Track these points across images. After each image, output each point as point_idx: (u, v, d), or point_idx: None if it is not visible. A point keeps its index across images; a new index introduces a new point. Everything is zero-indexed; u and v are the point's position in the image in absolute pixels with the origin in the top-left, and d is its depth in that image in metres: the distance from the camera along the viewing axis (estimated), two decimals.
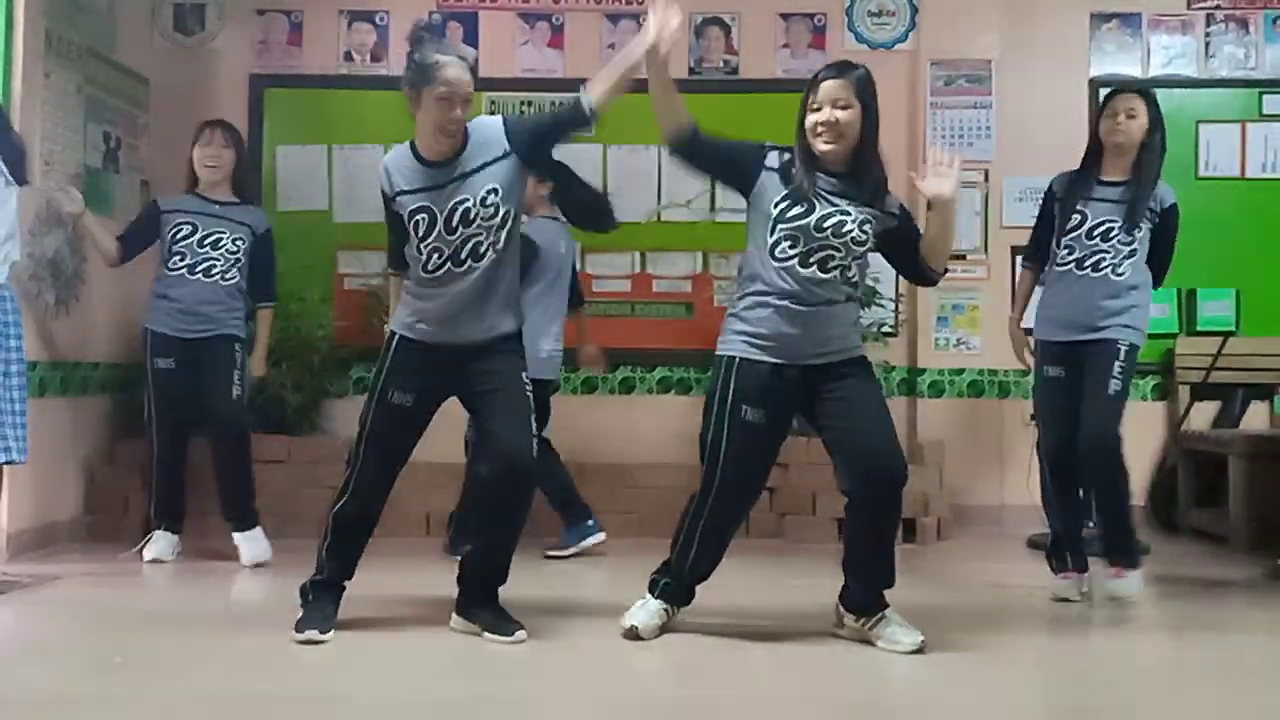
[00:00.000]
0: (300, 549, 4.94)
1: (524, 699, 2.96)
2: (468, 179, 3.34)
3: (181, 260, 4.69)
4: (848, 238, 3.30)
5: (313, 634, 3.34)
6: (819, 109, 3.30)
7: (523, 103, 5.96)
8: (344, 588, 3.52)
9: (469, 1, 6.04)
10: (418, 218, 3.35)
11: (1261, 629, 3.85)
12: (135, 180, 5.64)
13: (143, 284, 5.25)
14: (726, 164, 3.49)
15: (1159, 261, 4.16)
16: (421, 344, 3.42)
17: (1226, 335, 5.80)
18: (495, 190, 3.33)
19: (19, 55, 4.62)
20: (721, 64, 6.05)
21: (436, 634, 3.46)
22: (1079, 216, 4.07)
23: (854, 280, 3.38)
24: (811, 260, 3.30)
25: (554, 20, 6.05)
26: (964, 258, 5.89)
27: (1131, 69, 6.07)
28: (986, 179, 5.95)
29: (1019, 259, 4.63)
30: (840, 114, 3.27)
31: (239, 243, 4.73)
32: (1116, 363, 3.96)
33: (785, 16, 6.05)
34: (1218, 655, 3.47)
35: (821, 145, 3.30)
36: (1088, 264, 4.04)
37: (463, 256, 3.35)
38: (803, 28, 6.04)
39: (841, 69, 3.36)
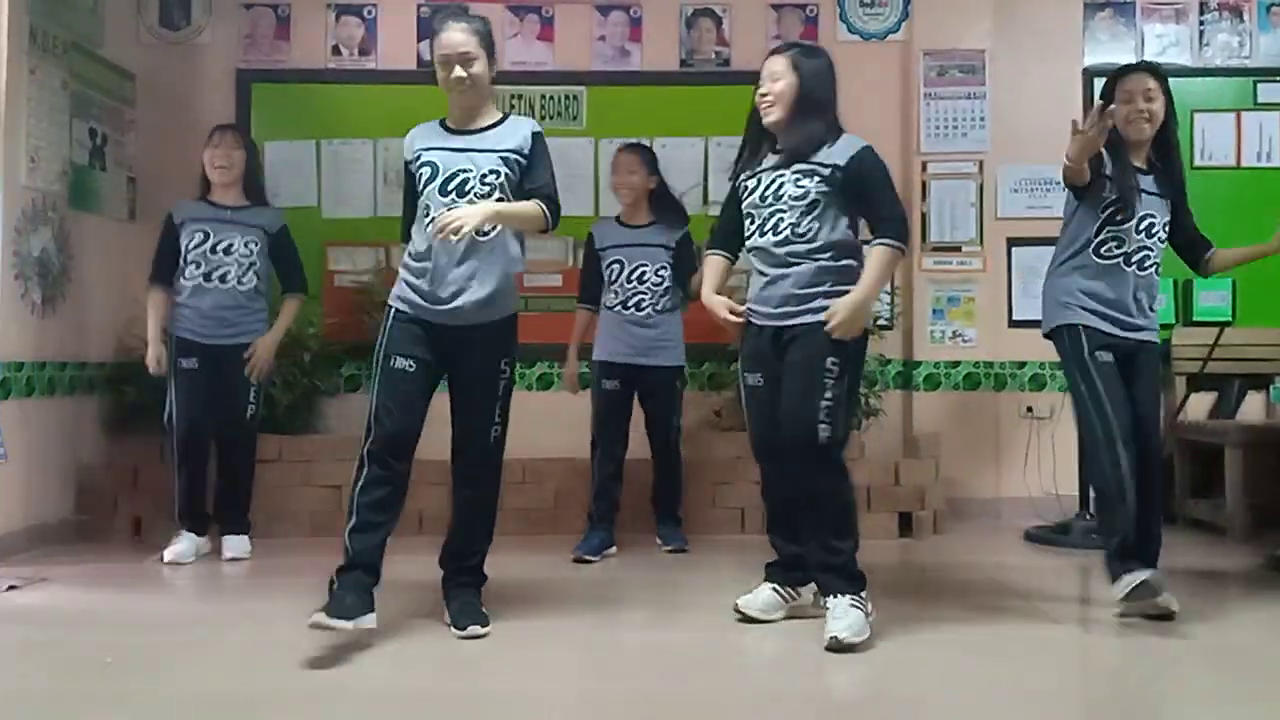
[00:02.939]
0: (291, 548, 4.92)
1: (516, 693, 2.93)
2: (476, 155, 3.43)
3: (197, 269, 4.69)
4: (786, 196, 3.44)
5: (320, 618, 3.14)
6: (760, 86, 3.51)
7: (512, 96, 5.91)
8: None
9: None
10: (423, 169, 3.45)
11: (1258, 619, 3.84)
12: (122, 176, 5.59)
13: (131, 284, 5.21)
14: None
15: None
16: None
17: (1223, 326, 5.78)
18: (496, 172, 3.43)
19: (3, 51, 4.56)
20: (713, 55, 6.01)
21: (435, 630, 3.44)
22: (1130, 208, 3.66)
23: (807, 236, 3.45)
24: (766, 228, 3.48)
25: (543, 13, 6.00)
26: (959, 249, 5.86)
27: (1125, 58, 5.98)
28: (981, 170, 5.92)
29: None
30: (773, 86, 3.47)
31: (251, 246, 4.73)
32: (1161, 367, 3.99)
33: (777, 8, 6.01)
34: (1214, 645, 3.45)
35: (764, 119, 3.51)
36: (1134, 260, 3.70)
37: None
38: (794, 19, 6.00)
39: (784, 47, 3.55)
